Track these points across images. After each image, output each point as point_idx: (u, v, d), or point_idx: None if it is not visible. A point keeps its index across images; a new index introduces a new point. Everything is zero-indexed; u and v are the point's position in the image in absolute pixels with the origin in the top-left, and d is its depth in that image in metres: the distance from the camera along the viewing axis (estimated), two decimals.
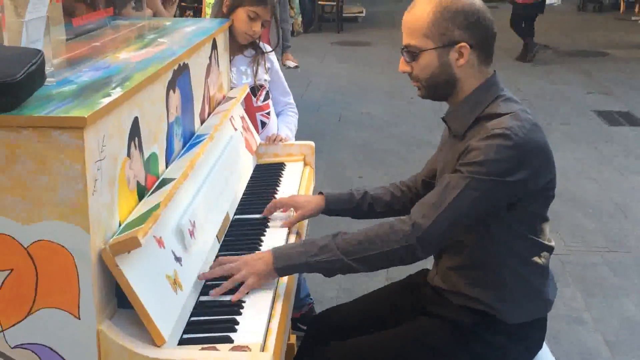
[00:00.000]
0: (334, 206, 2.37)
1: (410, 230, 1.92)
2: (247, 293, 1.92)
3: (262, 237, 2.29)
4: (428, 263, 2.17)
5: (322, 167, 5.53)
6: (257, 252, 2.09)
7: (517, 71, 9.05)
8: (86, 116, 1.49)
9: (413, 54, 2.00)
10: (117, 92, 1.69)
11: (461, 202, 1.91)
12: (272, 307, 1.89)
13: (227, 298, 1.91)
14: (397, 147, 6.25)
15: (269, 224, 2.40)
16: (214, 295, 1.91)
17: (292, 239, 2.32)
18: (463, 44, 1.95)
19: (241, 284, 1.94)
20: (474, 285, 2.06)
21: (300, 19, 8.31)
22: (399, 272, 2.50)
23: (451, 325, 2.08)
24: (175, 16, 5.51)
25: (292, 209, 2.44)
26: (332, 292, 3.85)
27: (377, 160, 5.92)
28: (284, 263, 1.98)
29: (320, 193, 2.41)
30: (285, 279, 2.04)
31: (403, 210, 2.38)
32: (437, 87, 2.03)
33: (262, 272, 1.96)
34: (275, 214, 2.43)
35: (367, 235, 1.96)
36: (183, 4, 8.48)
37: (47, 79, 1.69)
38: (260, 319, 1.82)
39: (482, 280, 2.05)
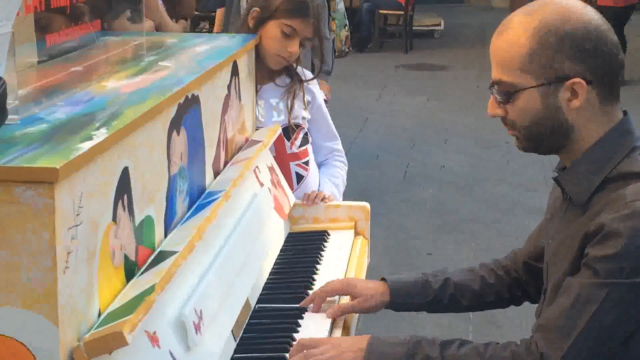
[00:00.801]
0: (403, 299, 2.37)
1: None
2: None
3: (295, 335, 2.28)
4: None
5: (379, 238, 5.53)
6: (352, 337, 2.19)
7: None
8: (58, 167, 1.51)
9: (506, 93, 2.01)
10: (101, 135, 1.72)
11: (604, 319, 1.90)
12: None
13: None
14: (486, 213, 6.24)
15: (303, 315, 2.39)
16: None
17: (338, 334, 2.32)
18: (577, 79, 1.96)
19: None
20: None
21: (345, 33, 8.38)
22: None
23: None
24: (186, 30, 5.64)
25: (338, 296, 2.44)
26: None
27: (458, 230, 5.91)
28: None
29: (383, 279, 2.40)
30: None
31: (497, 302, 2.38)
32: (542, 138, 2.03)
33: None
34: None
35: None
36: (197, 11, 8.51)
37: (9, 117, 1.73)
38: None
39: None
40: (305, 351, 2.09)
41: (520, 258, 2.37)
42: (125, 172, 1.85)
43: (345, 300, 2.44)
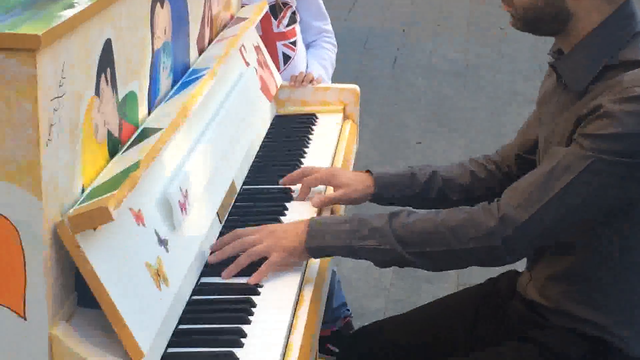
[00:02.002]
0: (389, 192, 2.38)
1: (497, 226, 1.95)
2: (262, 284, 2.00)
3: (282, 218, 2.32)
4: (517, 263, 2.19)
5: (369, 125, 5.55)
6: (289, 222, 2.16)
7: None
8: (40, 34, 1.51)
9: None
10: (83, 2, 1.71)
11: (576, 191, 1.93)
12: (294, 313, 1.93)
13: (229, 296, 1.96)
14: (480, 103, 6.25)
15: (291, 199, 2.43)
16: (225, 277, 2.01)
17: None
18: None
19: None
20: (587, 303, 2.07)
21: None
22: (476, 274, 2.53)
23: (553, 356, 2.10)
24: None
25: (325, 186, 2.47)
26: (378, 301, 3.89)
27: (450, 121, 5.93)
28: (321, 242, 2.04)
29: (367, 172, 2.42)
30: (315, 265, 2.09)
31: (487, 197, 2.37)
32: (539, 22, 2.03)
33: (291, 249, 2.03)
34: (300, 186, 2.46)
35: (436, 224, 2.00)
36: None
37: None
38: (278, 327, 1.86)
39: (599, 297, 2.07)
40: (238, 240, 2.07)
41: (511, 151, 2.39)
42: (108, 43, 1.85)
43: (330, 191, 2.46)
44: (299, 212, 2.35)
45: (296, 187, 2.46)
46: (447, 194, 2.38)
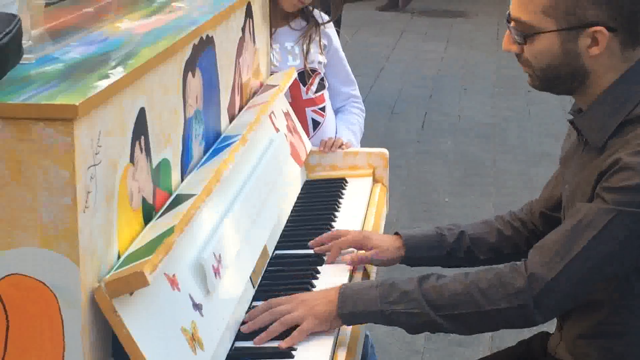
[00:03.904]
0: (418, 253, 2.40)
1: (526, 285, 1.96)
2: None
3: (314, 281, 2.34)
4: (548, 325, 2.20)
5: (398, 190, 5.57)
6: (320, 290, 2.18)
7: None
8: (77, 104, 1.55)
9: (524, 34, 2.03)
10: (118, 73, 1.76)
11: (602, 246, 1.94)
12: None
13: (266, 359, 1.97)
14: (507, 162, 6.26)
15: (322, 262, 2.45)
16: (257, 343, 2.02)
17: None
18: (599, 27, 1.97)
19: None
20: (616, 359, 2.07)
21: None
22: (509, 337, 2.52)
23: None
24: None
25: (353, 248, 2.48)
26: None
27: (477, 180, 5.93)
28: (352, 308, 2.05)
29: (396, 234, 2.44)
30: (348, 329, 2.10)
31: (515, 255, 2.39)
32: (557, 81, 2.06)
33: (323, 316, 2.04)
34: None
35: (466, 286, 2.01)
36: None
37: (24, 56, 1.77)
38: None
39: (632, 352, 2.06)
40: (272, 309, 2.09)
41: (536, 209, 2.40)
42: (142, 112, 1.90)
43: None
44: (330, 275, 2.37)
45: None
46: (475, 253, 2.40)
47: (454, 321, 2.02)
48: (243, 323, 2.11)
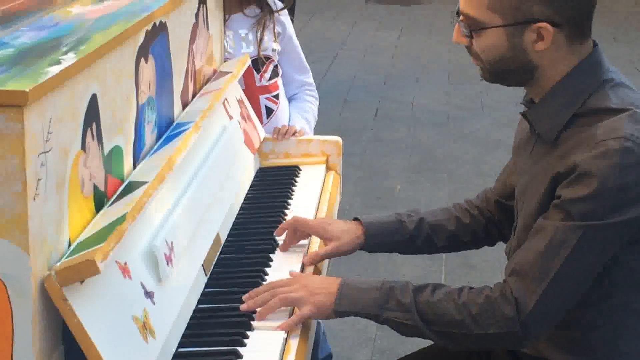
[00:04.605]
0: (378, 240, 2.40)
1: (514, 313, 1.98)
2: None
3: (268, 270, 2.34)
4: None
5: (351, 177, 5.58)
6: (321, 276, 2.24)
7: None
8: (27, 90, 1.54)
9: (472, 28, 2.04)
10: (69, 59, 1.74)
11: (578, 263, 1.95)
12: None
13: (214, 348, 1.98)
14: (462, 150, 6.30)
15: (275, 250, 2.45)
16: (257, 319, 2.08)
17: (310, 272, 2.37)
18: (543, 24, 1.98)
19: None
20: (569, 349, 2.09)
21: None
22: None
23: None
24: None
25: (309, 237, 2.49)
26: (364, 352, 3.90)
27: (433, 168, 5.96)
28: (349, 308, 2.09)
29: (356, 219, 2.44)
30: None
31: (473, 242, 2.43)
32: (507, 74, 2.08)
33: (322, 307, 2.10)
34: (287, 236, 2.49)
35: (458, 308, 2.03)
36: None
37: None
38: None
39: (585, 343, 2.08)
40: (273, 289, 2.12)
41: (492, 197, 2.42)
42: (93, 98, 1.88)
43: (315, 242, 2.48)
44: (283, 263, 2.37)
45: (281, 238, 2.49)
46: (434, 241, 2.41)
47: (444, 337, 2.05)
48: (238, 304, 2.13)
